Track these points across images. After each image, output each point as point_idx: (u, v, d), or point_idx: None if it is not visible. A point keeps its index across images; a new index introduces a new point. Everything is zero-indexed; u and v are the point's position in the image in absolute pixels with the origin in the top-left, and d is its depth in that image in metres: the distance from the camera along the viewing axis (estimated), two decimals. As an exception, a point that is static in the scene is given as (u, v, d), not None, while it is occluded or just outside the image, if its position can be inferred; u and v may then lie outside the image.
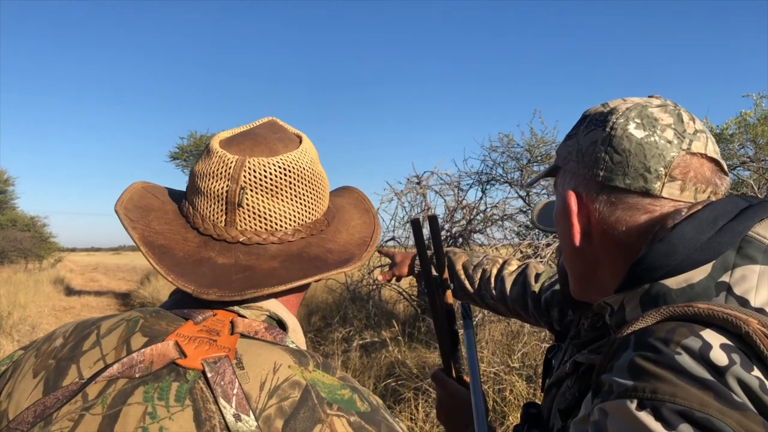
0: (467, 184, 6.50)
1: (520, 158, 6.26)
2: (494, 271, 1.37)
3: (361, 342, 5.90)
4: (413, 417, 3.88)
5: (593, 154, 0.70)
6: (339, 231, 0.81)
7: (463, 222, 6.45)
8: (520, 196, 5.96)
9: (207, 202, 0.74)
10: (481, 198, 6.35)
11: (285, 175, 0.73)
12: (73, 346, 0.67)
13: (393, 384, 4.53)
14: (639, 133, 0.68)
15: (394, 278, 1.54)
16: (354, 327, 6.54)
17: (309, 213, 0.77)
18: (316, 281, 0.75)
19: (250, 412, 0.58)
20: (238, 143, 0.75)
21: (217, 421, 0.58)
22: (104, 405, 0.60)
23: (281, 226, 0.74)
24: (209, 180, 0.73)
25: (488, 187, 6.29)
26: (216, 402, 0.59)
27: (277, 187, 0.73)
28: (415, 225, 1.14)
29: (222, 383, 0.60)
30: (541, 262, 4.41)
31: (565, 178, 0.75)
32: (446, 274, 1.17)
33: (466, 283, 1.41)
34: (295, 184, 0.74)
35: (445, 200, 6.64)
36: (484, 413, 0.94)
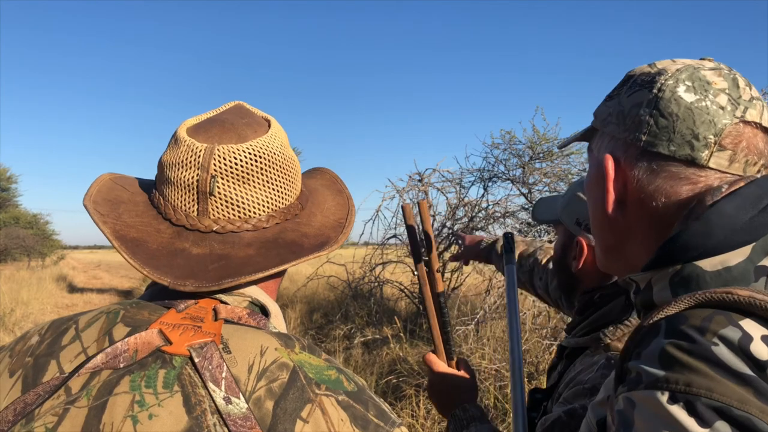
0: (469, 181, 6.49)
1: (522, 155, 6.25)
2: (543, 261, 1.40)
3: (362, 339, 5.90)
4: (414, 414, 3.88)
5: (636, 116, 0.65)
6: (313, 214, 0.80)
7: (465, 219, 6.44)
8: (522, 194, 5.95)
9: (178, 192, 0.73)
10: (482, 195, 6.33)
11: (255, 161, 0.72)
12: (51, 342, 0.66)
13: (394, 381, 4.53)
14: (689, 97, 0.62)
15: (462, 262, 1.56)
16: (356, 324, 6.54)
17: (282, 198, 0.76)
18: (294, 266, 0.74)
19: (240, 394, 0.58)
20: (206, 130, 0.74)
21: (207, 405, 0.58)
22: (89, 397, 0.59)
23: (255, 212, 0.73)
24: (178, 170, 0.72)
25: (490, 184, 6.28)
26: (205, 386, 0.59)
27: (248, 173, 0.72)
28: (405, 210, 1.20)
29: (210, 367, 0.60)
30: (543, 259, 4.40)
31: (603, 141, 0.70)
32: (435, 257, 1.21)
33: (521, 272, 1.44)
34: (266, 170, 0.73)
35: (446, 197, 6.63)
36: (521, 376, 0.87)
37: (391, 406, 4.30)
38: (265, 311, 0.73)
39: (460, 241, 1.60)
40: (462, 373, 1.20)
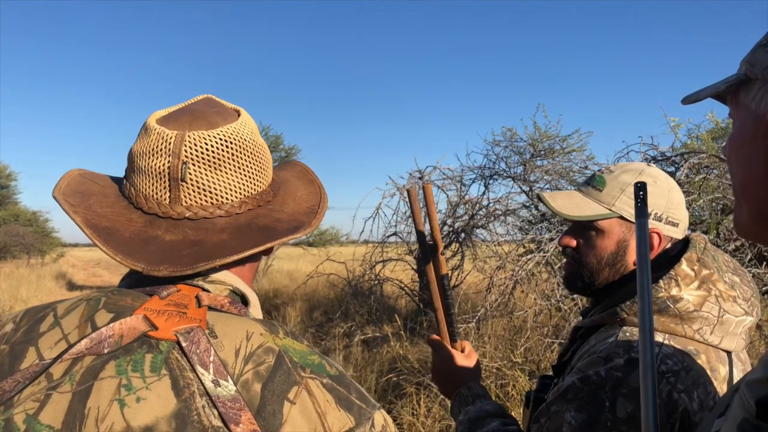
0: (470, 179, 6.47)
1: (523, 153, 6.22)
2: None
3: (362, 337, 5.88)
4: (415, 412, 3.87)
5: None
6: (286, 201, 0.81)
7: (466, 217, 6.42)
8: (523, 191, 5.92)
9: (149, 181, 0.73)
10: (483, 193, 6.31)
11: (226, 146, 0.73)
12: (28, 329, 0.65)
13: (395, 379, 4.51)
14: None
15: None
16: (356, 322, 6.53)
17: (254, 184, 0.76)
18: (267, 250, 0.75)
19: (228, 377, 0.60)
20: (176, 119, 0.74)
21: (196, 387, 0.59)
22: (73, 382, 0.59)
23: (227, 198, 0.74)
24: (149, 158, 0.72)
25: (491, 181, 6.25)
26: (193, 370, 0.60)
27: (219, 159, 0.72)
28: (411, 194, 1.23)
29: (198, 351, 0.61)
30: (545, 257, 4.37)
31: (761, 94, 0.61)
32: (439, 240, 1.22)
33: None
34: (237, 156, 0.74)
35: (447, 195, 6.62)
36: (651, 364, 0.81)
37: (391, 404, 4.31)
38: (245, 300, 0.74)
39: None
40: (466, 354, 1.22)
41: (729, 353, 1.00)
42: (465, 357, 1.21)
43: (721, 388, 0.94)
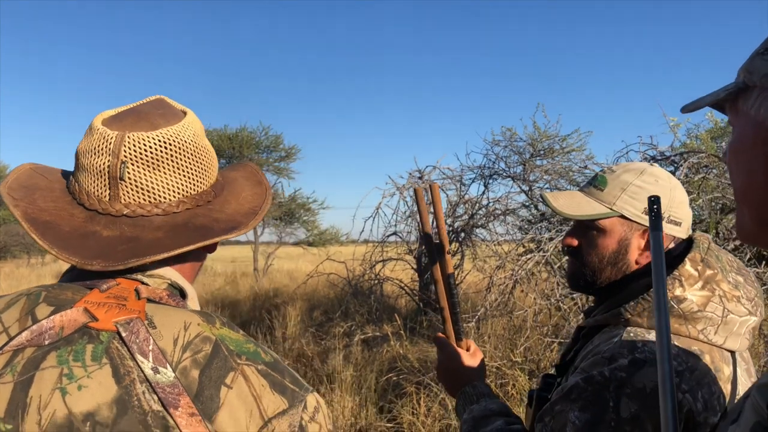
0: (469, 179, 6.47)
1: (522, 152, 6.22)
2: None
3: (362, 336, 5.88)
4: (415, 411, 3.87)
5: None
6: (228, 202, 0.83)
7: (465, 217, 6.42)
8: (523, 191, 5.92)
9: (91, 178, 0.75)
10: (483, 192, 6.31)
11: (165, 148, 0.75)
12: None
13: (395, 378, 4.52)
14: None
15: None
16: (356, 322, 6.53)
17: (193, 185, 0.79)
18: (209, 248, 0.79)
19: (167, 364, 0.63)
20: (120, 120, 0.77)
21: (136, 374, 0.62)
22: (14, 373, 0.62)
23: (165, 198, 0.76)
24: (91, 156, 0.75)
25: (491, 181, 6.25)
26: (133, 358, 0.63)
27: (157, 160, 0.75)
28: (417, 193, 1.24)
29: (137, 341, 0.64)
30: (544, 257, 4.38)
31: (760, 101, 0.62)
32: (446, 239, 1.22)
33: None
34: (176, 157, 0.76)
35: (447, 195, 6.61)
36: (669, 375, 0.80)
37: (391, 403, 4.31)
38: (183, 294, 0.77)
39: None
40: (471, 353, 1.22)
41: (733, 353, 1.01)
42: (470, 356, 1.22)
43: (726, 388, 0.94)
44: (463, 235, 6.42)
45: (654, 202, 0.76)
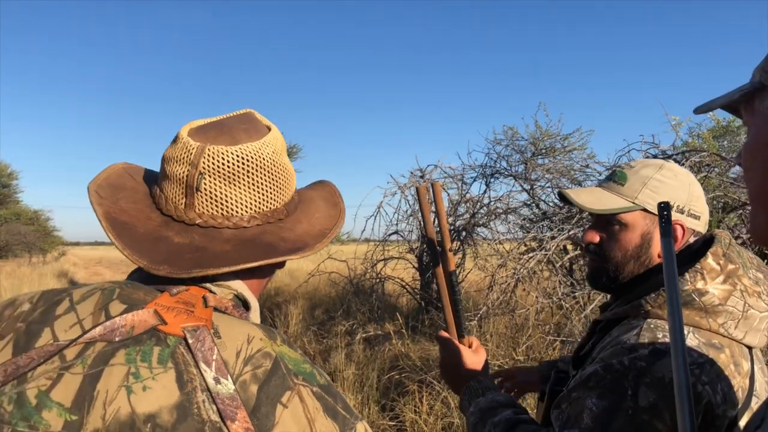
0: (471, 178, 6.48)
1: (524, 151, 6.23)
2: None
3: (364, 335, 5.89)
4: (417, 409, 3.88)
5: None
6: (299, 221, 0.84)
7: (467, 216, 6.42)
8: (525, 190, 5.93)
9: (171, 185, 0.78)
10: (484, 191, 6.32)
11: (243, 163, 0.77)
12: (45, 311, 0.69)
13: (397, 376, 4.52)
14: None
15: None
16: (357, 320, 6.54)
17: (266, 202, 0.80)
18: (278, 264, 0.80)
19: (229, 376, 0.64)
20: (204, 132, 0.79)
21: (198, 382, 0.63)
22: (85, 365, 0.63)
23: (237, 211, 0.77)
24: (173, 164, 0.77)
25: (492, 180, 6.26)
26: (197, 366, 0.64)
27: (234, 174, 0.76)
28: (419, 192, 1.24)
29: (202, 349, 0.65)
30: (546, 255, 4.38)
31: None
32: (448, 237, 1.23)
33: None
34: (253, 173, 0.78)
35: (448, 194, 6.62)
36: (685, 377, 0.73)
37: (393, 401, 4.32)
38: (246, 305, 0.78)
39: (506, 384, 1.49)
40: (473, 349, 1.23)
41: (750, 349, 1.01)
42: (473, 353, 1.22)
43: (744, 383, 0.95)
44: (464, 233, 6.42)
45: (664, 208, 0.77)
